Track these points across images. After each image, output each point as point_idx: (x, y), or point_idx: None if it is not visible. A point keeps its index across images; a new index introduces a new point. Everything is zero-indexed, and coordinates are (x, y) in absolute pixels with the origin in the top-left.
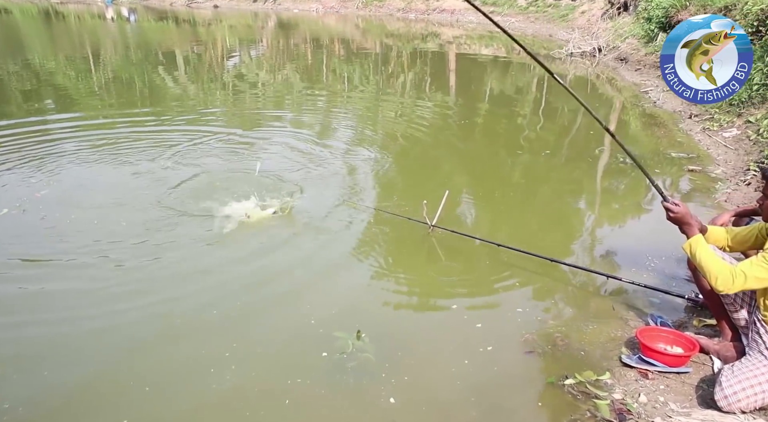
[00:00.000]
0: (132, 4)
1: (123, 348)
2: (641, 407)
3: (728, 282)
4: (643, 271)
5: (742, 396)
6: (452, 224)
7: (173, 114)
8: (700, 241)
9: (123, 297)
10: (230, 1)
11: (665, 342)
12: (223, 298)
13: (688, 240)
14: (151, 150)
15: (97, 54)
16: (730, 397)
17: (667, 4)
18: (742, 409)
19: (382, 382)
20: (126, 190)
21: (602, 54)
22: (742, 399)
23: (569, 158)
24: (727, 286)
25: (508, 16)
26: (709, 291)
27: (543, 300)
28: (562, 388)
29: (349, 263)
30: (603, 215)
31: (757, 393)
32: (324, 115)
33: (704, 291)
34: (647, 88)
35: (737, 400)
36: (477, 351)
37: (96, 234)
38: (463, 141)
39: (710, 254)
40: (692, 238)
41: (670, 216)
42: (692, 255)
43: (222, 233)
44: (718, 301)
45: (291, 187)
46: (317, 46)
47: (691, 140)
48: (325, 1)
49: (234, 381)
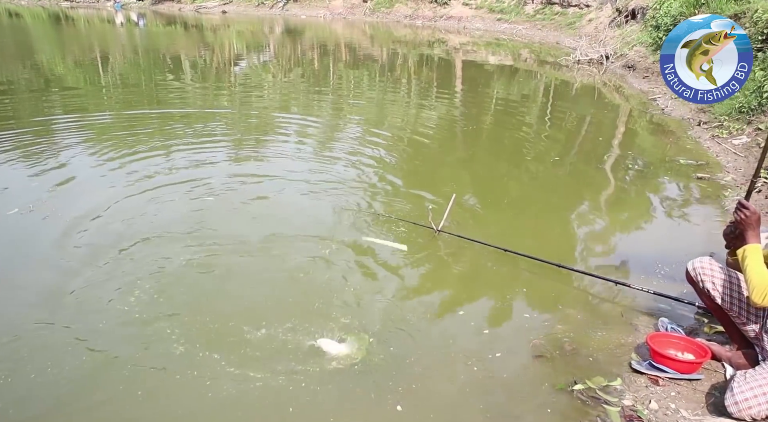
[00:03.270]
0: (141, 9)
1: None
2: (652, 414)
3: (760, 296)
4: (653, 278)
5: (753, 403)
6: (458, 228)
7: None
8: (757, 250)
9: None
10: (238, 6)
11: (676, 349)
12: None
13: (745, 245)
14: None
15: (106, 58)
16: (741, 403)
17: (676, 12)
18: (753, 416)
19: (390, 389)
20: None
21: (609, 61)
22: (754, 406)
23: (577, 164)
24: (759, 298)
25: (515, 23)
26: (713, 305)
27: (550, 306)
28: (572, 394)
29: (355, 268)
30: (611, 221)
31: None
32: (328, 122)
33: (709, 306)
34: (655, 96)
35: (748, 407)
36: (485, 357)
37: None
38: (470, 147)
39: (760, 264)
40: (751, 245)
41: (742, 218)
42: (742, 260)
43: None
44: (723, 315)
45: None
46: (324, 53)
47: (700, 147)
48: (332, 7)
49: (236, 387)
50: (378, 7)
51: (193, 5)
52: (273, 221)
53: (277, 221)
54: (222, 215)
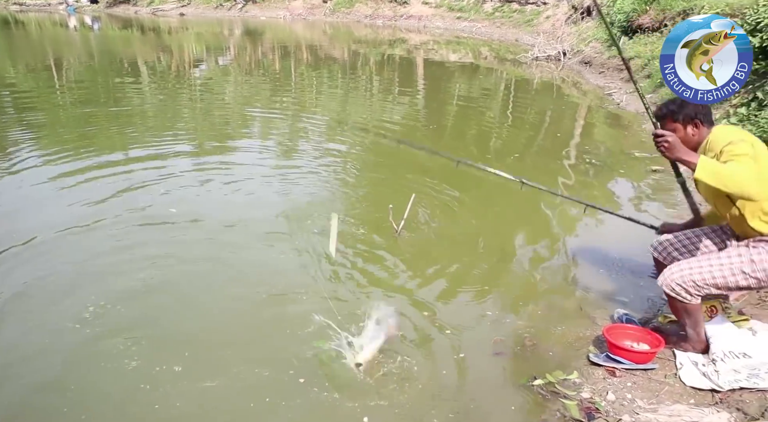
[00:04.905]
0: (95, 12)
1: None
2: (609, 405)
3: (749, 185)
4: (610, 266)
5: (675, 270)
6: (418, 227)
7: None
8: (708, 160)
9: None
10: (196, 8)
11: (631, 340)
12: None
13: (697, 166)
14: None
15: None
16: (666, 274)
17: (628, 9)
18: (675, 281)
19: (355, 398)
20: None
21: (567, 58)
22: (676, 272)
23: (537, 159)
24: (754, 189)
25: (475, 21)
26: (679, 308)
27: (512, 304)
28: (532, 389)
29: (312, 271)
30: (568, 215)
31: (693, 268)
32: (291, 123)
33: (676, 312)
34: (611, 91)
35: (671, 273)
36: (449, 359)
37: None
38: (431, 145)
39: (725, 166)
40: (700, 161)
41: (664, 147)
42: (713, 175)
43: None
44: (691, 312)
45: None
46: (285, 54)
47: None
48: (292, 8)
49: (201, 395)
50: (338, 8)
51: (150, 8)
52: (232, 230)
53: (236, 230)
54: (181, 227)
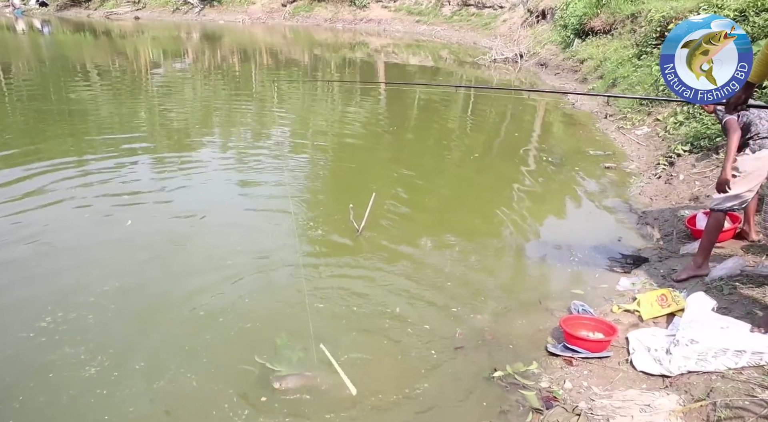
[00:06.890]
0: (45, 15)
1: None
2: (567, 393)
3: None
4: (574, 249)
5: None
6: (380, 226)
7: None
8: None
9: None
10: (152, 12)
11: (587, 329)
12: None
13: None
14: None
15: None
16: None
17: (580, 13)
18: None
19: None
20: None
21: (524, 60)
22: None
23: (496, 159)
24: None
25: (434, 25)
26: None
27: (472, 299)
28: (492, 381)
29: (275, 271)
30: (528, 210)
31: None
32: (253, 128)
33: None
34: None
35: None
36: (411, 353)
37: None
38: (392, 147)
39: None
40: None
41: (731, 102)
42: (757, 64)
43: None
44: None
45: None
46: (245, 58)
47: (607, 138)
48: (251, 12)
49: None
50: (297, 11)
51: (103, 11)
52: (194, 243)
53: (198, 244)
54: (143, 239)
